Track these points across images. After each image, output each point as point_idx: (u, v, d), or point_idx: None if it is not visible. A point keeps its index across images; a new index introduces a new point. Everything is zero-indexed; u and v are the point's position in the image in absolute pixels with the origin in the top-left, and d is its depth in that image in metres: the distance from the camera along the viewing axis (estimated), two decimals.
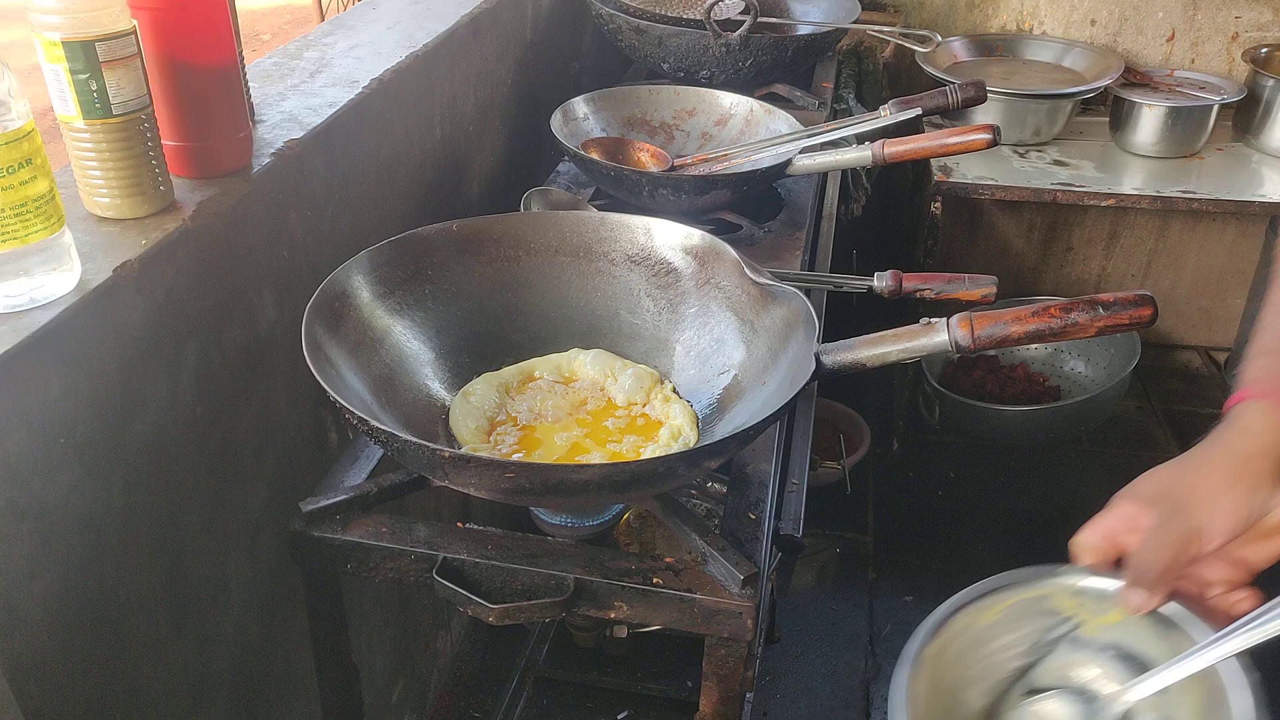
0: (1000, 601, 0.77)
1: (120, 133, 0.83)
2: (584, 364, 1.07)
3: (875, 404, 2.40)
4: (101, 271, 0.80)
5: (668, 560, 0.89)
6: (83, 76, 0.79)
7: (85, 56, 0.78)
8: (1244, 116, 2.31)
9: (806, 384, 0.87)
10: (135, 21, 0.82)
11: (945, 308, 0.99)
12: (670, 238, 1.10)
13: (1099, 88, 2.23)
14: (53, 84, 0.80)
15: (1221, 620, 0.68)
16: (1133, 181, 2.17)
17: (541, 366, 1.07)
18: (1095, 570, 0.74)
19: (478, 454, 0.89)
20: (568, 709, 1.74)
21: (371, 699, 1.39)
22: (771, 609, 1.75)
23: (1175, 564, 0.69)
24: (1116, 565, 0.73)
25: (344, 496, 0.93)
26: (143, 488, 0.87)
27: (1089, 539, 0.74)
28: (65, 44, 0.78)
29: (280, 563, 1.09)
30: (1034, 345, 2.03)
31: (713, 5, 1.71)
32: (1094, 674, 0.74)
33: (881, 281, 1.14)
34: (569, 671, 1.76)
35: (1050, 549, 0.82)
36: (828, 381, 0.90)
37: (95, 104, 0.80)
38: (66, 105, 0.81)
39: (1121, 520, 0.73)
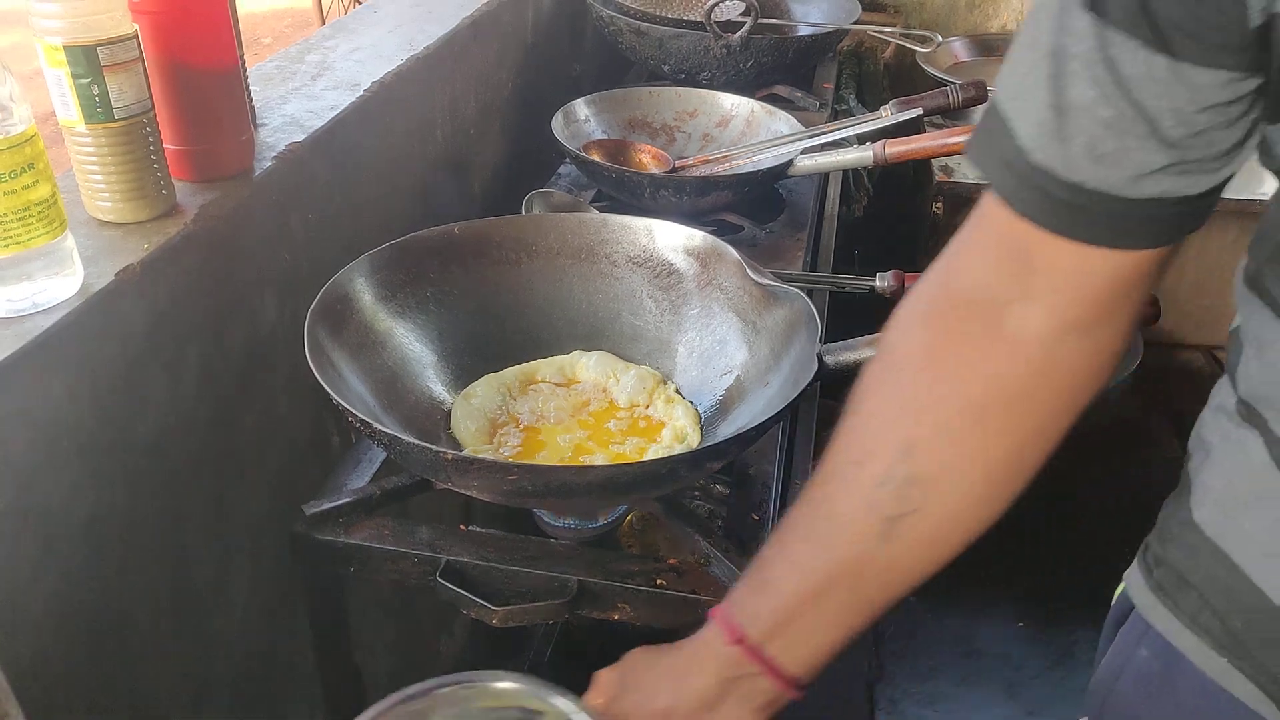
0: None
1: (122, 137, 0.83)
2: (586, 365, 1.07)
3: None
4: (104, 275, 0.80)
5: (671, 562, 0.89)
6: (84, 81, 0.79)
7: (87, 61, 0.78)
8: None
9: (809, 384, 0.87)
10: (137, 25, 0.82)
11: None
12: (672, 239, 1.10)
13: None
14: (54, 88, 0.80)
15: None
16: None
17: (543, 368, 1.07)
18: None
19: (481, 456, 0.89)
20: None
21: (373, 702, 1.39)
22: None
23: None
24: None
25: (347, 499, 0.94)
26: (145, 490, 0.87)
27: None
28: (67, 48, 0.78)
29: (282, 565, 1.09)
30: None
31: (713, 7, 1.71)
32: None
33: (884, 282, 1.14)
34: (573, 674, 1.76)
35: (1051, 550, 0.82)
36: (829, 382, 0.90)
37: (97, 108, 0.81)
38: (68, 109, 0.81)
39: (597, 690, 0.78)
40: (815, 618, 0.66)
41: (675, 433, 0.98)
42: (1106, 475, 2.37)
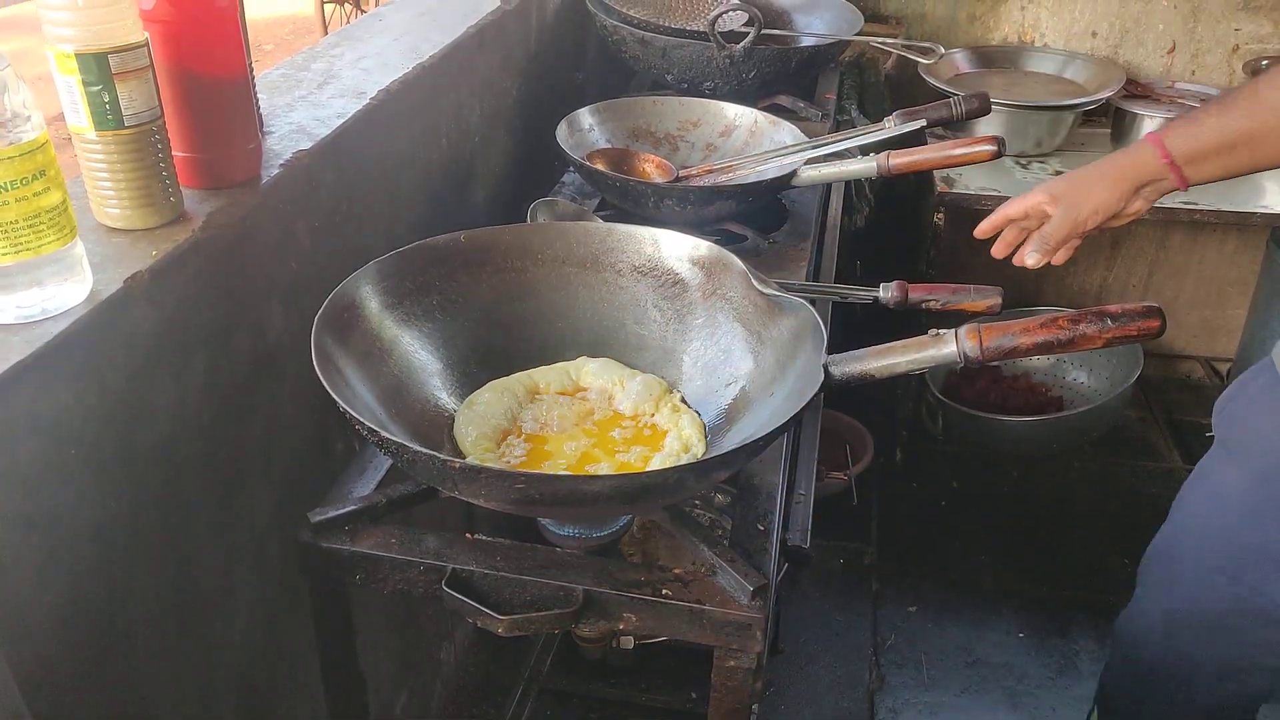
0: None
1: (132, 144, 0.83)
2: (590, 371, 1.07)
3: (878, 414, 2.40)
4: (113, 282, 0.80)
5: (676, 571, 0.89)
6: (95, 88, 0.79)
7: (98, 68, 0.79)
8: None
9: (815, 395, 0.87)
10: (147, 34, 0.82)
11: (950, 319, 0.99)
12: (677, 249, 1.10)
13: (1100, 99, 2.24)
14: (65, 95, 0.80)
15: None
16: None
17: (548, 375, 1.07)
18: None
19: (488, 465, 0.89)
20: None
21: (376, 709, 1.39)
22: (776, 620, 1.75)
23: (1067, 238, 1.15)
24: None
25: (353, 507, 0.94)
26: (151, 498, 0.87)
27: (1009, 212, 1.16)
28: (79, 56, 0.78)
29: (286, 572, 1.09)
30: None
31: (717, 17, 1.72)
32: None
33: (887, 292, 1.14)
34: (573, 682, 1.76)
35: (1053, 559, 0.83)
36: (830, 392, 0.90)
37: (107, 115, 0.81)
38: (79, 116, 0.81)
39: (1034, 205, 1.15)
40: (1220, 160, 1.07)
41: (681, 442, 0.98)
42: (1106, 486, 2.37)
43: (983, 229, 1.18)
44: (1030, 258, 1.15)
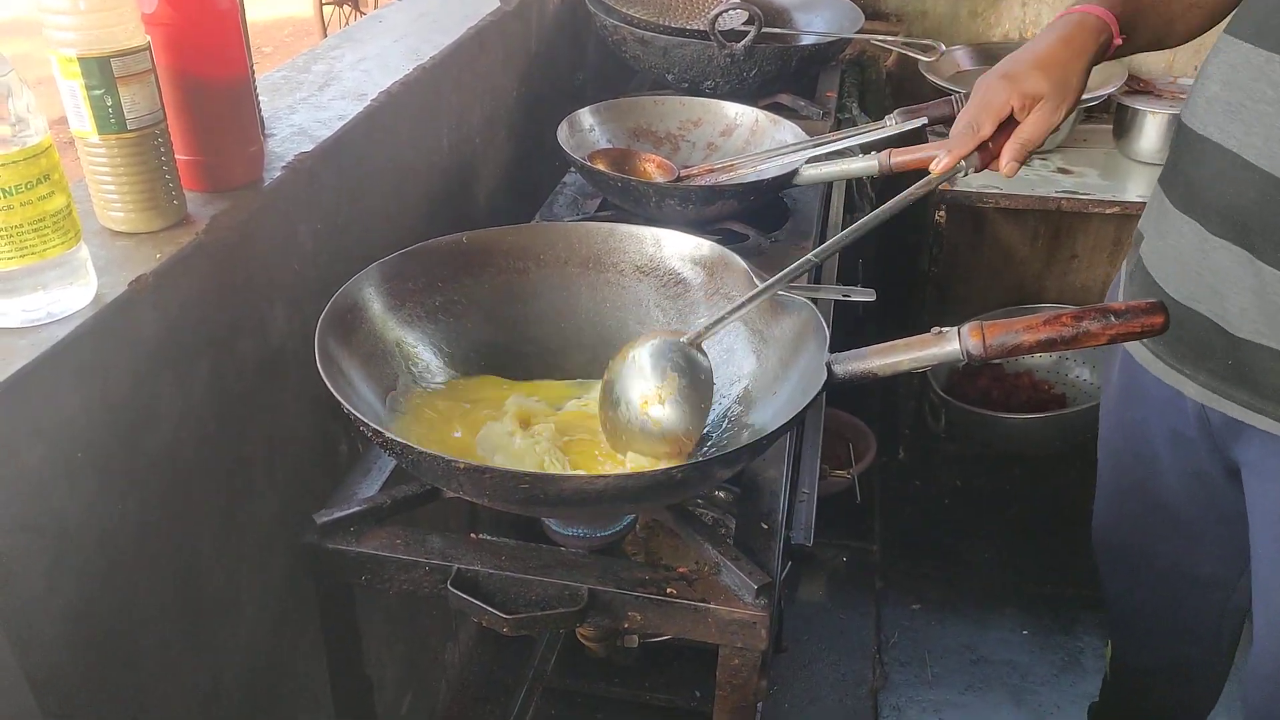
0: None
1: (134, 147, 0.83)
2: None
3: (880, 412, 2.40)
4: (117, 285, 0.81)
5: (681, 570, 0.89)
6: (98, 92, 0.79)
7: (101, 72, 0.79)
8: None
9: (818, 394, 0.87)
10: (149, 37, 0.82)
11: (954, 318, 0.99)
12: (679, 248, 1.10)
13: (1102, 96, 2.24)
14: (68, 99, 0.80)
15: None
16: (1137, 189, 2.18)
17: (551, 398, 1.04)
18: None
19: (493, 466, 0.90)
20: (576, 719, 1.74)
21: (381, 710, 1.39)
22: (779, 618, 1.75)
23: (1014, 112, 1.04)
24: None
25: (358, 508, 0.94)
26: (156, 501, 0.87)
27: (983, 117, 1.04)
28: (81, 60, 0.78)
29: (291, 575, 1.09)
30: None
31: (717, 16, 1.72)
32: None
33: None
34: (577, 682, 1.76)
35: (1057, 556, 0.83)
36: (833, 390, 0.91)
37: (110, 119, 0.81)
38: (82, 120, 0.81)
39: (992, 99, 1.04)
40: (1139, 38, 1.08)
41: None
42: None
43: (947, 164, 1.06)
44: (1011, 166, 1.05)
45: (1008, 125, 1.05)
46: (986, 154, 1.07)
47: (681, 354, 0.93)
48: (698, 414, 0.93)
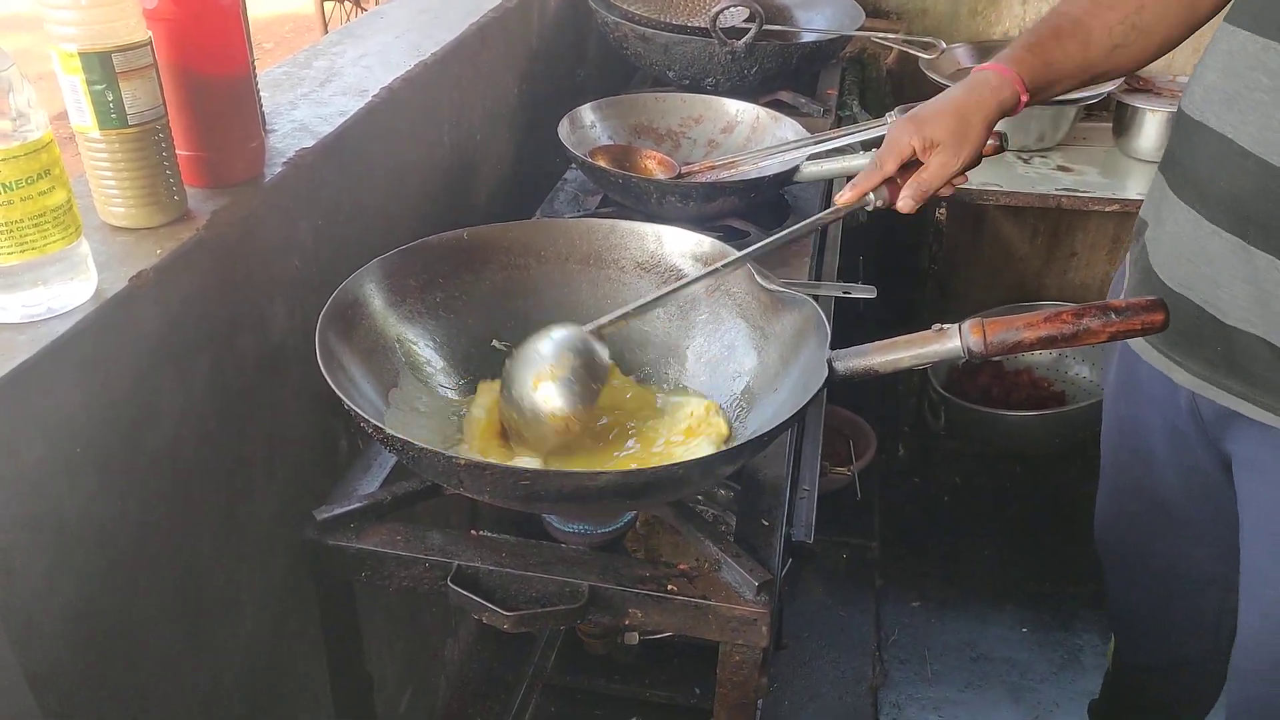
0: None
1: (136, 143, 0.83)
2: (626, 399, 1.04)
3: (880, 409, 2.40)
4: (118, 281, 0.81)
5: (681, 567, 0.89)
6: (99, 87, 0.79)
7: (102, 68, 0.79)
8: None
9: (819, 390, 0.87)
10: (151, 33, 0.82)
11: (955, 315, 0.99)
12: (680, 245, 1.10)
13: (1103, 94, 2.24)
14: (69, 95, 0.80)
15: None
16: (1137, 187, 2.18)
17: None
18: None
19: (493, 462, 0.90)
20: (576, 716, 1.74)
21: (381, 707, 1.39)
22: (779, 615, 1.75)
23: (941, 186, 1.09)
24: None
25: (358, 505, 0.94)
26: (157, 498, 0.87)
27: (887, 155, 1.08)
28: (82, 55, 0.78)
29: (291, 573, 1.09)
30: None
31: (718, 13, 1.72)
32: None
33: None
34: (577, 678, 1.76)
35: (1056, 554, 0.83)
36: (833, 387, 0.91)
37: (111, 114, 0.81)
38: (83, 116, 0.81)
39: (898, 139, 1.08)
40: (1059, 86, 1.13)
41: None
42: None
43: (850, 197, 1.09)
44: (907, 204, 1.08)
45: (913, 166, 1.09)
46: (894, 189, 1.10)
47: (577, 337, 0.97)
48: (589, 394, 0.95)
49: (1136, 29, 1.10)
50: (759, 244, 1.06)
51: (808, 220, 1.11)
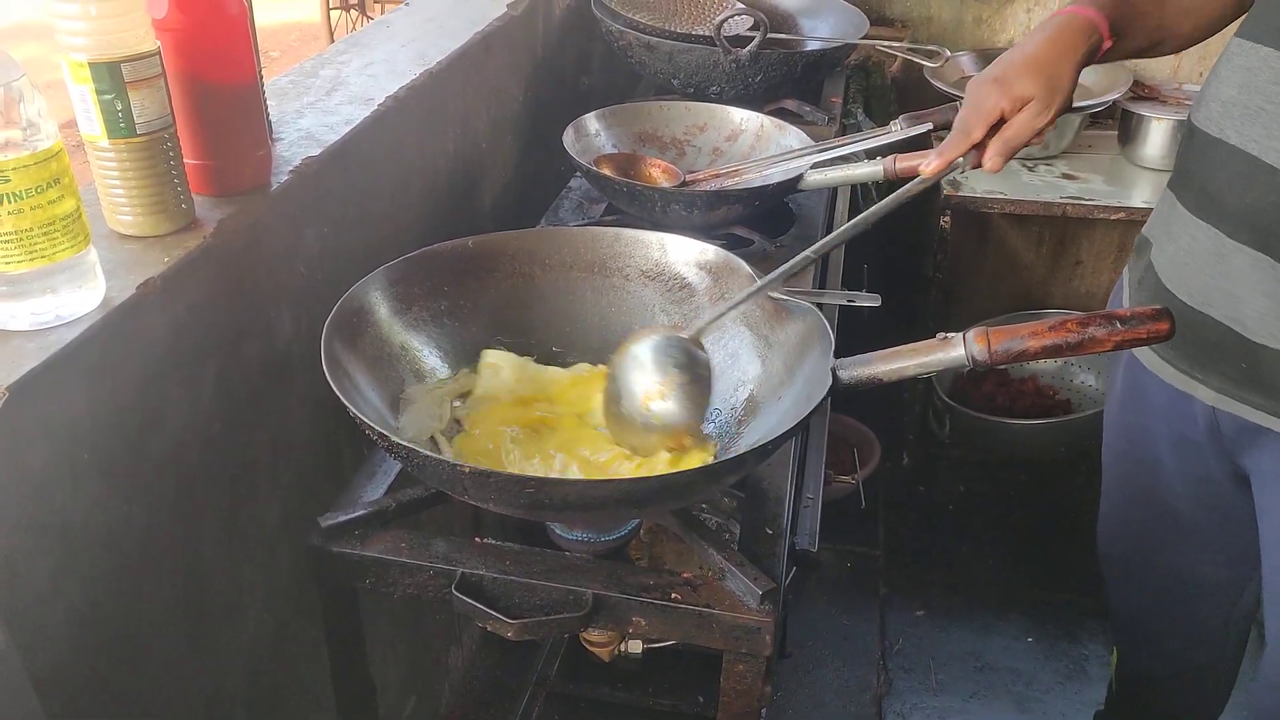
0: None
1: (144, 152, 0.84)
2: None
3: (885, 418, 2.40)
4: (125, 288, 0.81)
5: (685, 575, 0.89)
6: (108, 97, 0.80)
7: (111, 77, 0.79)
8: None
9: (823, 399, 0.87)
10: (159, 42, 0.83)
11: (959, 324, 0.99)
12: (684, 253, 1.10)
13: (1107, 101, 2.24)
14: (78, 104, 0.81)
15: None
16: (1142, 195, 2.18)
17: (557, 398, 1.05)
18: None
19: (498, 470, 0.90)
20: None
21: (384, 713, 1.39)
22: (784, 624, 1.75)
23: (1004, 115, 1.04)
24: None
25: (362, 512, 0.94)
26: (162, 504, 0.88)
27: (975, 121, 1.04)
28: (92, 65, 0.79)
29: (295, 579, 1.10)
30: None
31: (722, 21, 1.72)
32: None
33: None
34: (581, 686, 1.76)
35: (1061, 563, 0.83)
36: (838, 396, 0.91)
37: (120, 124, 0.81)
38: (92, 125, 0.82)
39: (983, 102, 1.04)
40: (1131, 40, 1.09)
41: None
42: None
43: (938, 165, 1.07)
44: (996, 162, 1.05)
45: (999, 127, 1.06)
46: (980, 150, 1.08)
47: (682, 349, 0.95)
48: (697, 409, 0.95)
49: None
50: (831, 237, 1.08)
51: (881, 203, 1.07)
